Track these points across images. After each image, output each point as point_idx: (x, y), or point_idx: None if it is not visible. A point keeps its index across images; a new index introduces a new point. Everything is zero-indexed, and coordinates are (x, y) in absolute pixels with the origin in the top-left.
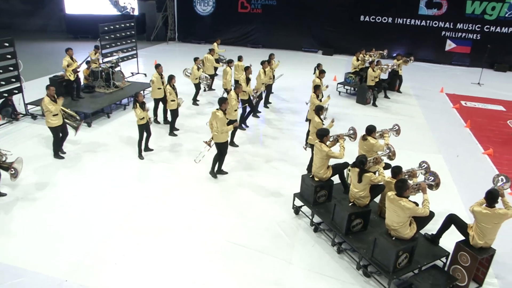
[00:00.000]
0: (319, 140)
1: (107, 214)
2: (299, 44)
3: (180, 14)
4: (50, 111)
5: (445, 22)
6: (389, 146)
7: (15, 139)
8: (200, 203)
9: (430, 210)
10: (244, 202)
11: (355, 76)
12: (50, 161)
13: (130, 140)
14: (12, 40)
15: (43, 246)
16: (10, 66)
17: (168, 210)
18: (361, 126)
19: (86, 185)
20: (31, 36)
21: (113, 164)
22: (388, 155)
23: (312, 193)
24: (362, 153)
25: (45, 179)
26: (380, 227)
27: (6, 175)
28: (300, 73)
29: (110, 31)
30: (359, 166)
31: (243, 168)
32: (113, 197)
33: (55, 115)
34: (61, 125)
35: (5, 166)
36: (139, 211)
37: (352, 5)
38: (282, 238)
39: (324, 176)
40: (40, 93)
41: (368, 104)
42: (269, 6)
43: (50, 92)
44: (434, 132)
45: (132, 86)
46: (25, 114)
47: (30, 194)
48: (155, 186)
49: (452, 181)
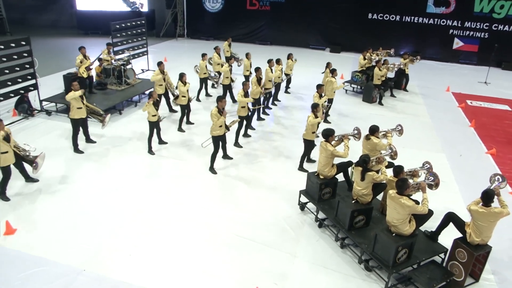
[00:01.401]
0: (324, 140)
1: (121, 207)
2: (306, 41)
3: (189, 10)
4: (75, 98)
5: (453, 20)
6: (391, 146)
7: (31, 134)
8: (209, 198)
9: (429, 208)
10: (251, 198)
11: (361, 74)
12: (65, 155)
13: (142, 136)
14: (28, 39)
15: (62, 236)
16: (26, 64)
17: (177, 204)
18: (366, 125)
19: (101, 180)
20: (42, 32)
21: (126, 159)
22: (390, 155)
23: (317, 191)
24: (365, 152)
25: (62, 172)
26: (382, 224)
27: None
28: (308, 70)
29: (122, 29)
30: (362, 165)
31: (251, 164)
32: (126, 191)
33: (79, 108)
34: (83, 119)
35: (30, 159)
36: (150, 205)
37: (359, 3)
38: (287, 233)
39: (329, 174)
40: (54, 90)
41: (374, 103)
42: (277, 3)
43: (74, 87)
44: (438, 131)
45: (143, 83)
46: (40, 110)
47: (50, 186)
48: (165, 181)
49: (454, 180)
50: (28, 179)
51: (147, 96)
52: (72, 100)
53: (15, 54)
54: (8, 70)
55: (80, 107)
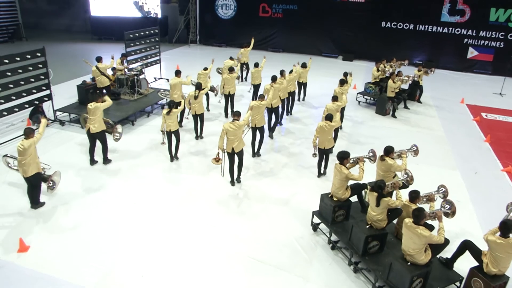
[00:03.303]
0: (339, 162)
1: (134, 225)
2: (319, 49)
3: (202, 17)
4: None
5: (467, 29)
6: (407, 171)
7: (44, 145)
8: (222, 215)
9: (445, 237)
10: (264, 215)
11: (375, 86)
12: (78, 168)
13: (156, 148)
14: (43, 50)
15: (75, 255)
16: (41, 75)
17: (191, 223)
18: (379, 138)
19: (115, 196)
20: (57, 37)
21: (140, 173)
22: (406, 180)
23: (330, 213)
24: (380, 173)
25: (77, 188)
26: (396, 249)
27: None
28: (321, 79)
29: (135, 38)
30: (378, 191)
31: (264, 180)
32: (139, 209)
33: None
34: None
35: (44, 177)
36: (163, 223)
37: (373, 11)
38: (300, 254)
39: (342, 196)
40: (67, 99)
41: (387, 115)
42: (290, 11)
43: (107, 99)
44: (452, 146)
45: (156, 93)
46: (54, 120)
47: (64, 203)
48: (179, 197)
49: (469, 199)
50: (33, 205)
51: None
52: (101, 111)
53: (31, 66)
54: (23, 81)
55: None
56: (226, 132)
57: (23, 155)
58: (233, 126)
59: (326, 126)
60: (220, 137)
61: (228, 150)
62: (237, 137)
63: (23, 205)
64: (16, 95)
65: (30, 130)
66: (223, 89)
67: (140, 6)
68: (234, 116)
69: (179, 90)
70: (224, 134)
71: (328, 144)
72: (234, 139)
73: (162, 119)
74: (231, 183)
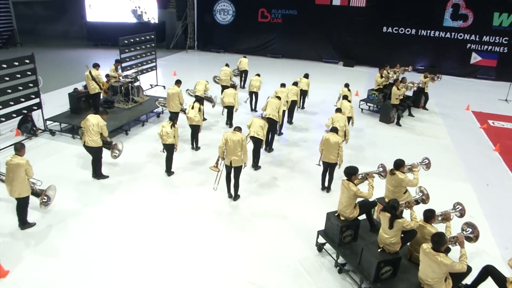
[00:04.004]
0: (346, 179)
1: (128, 245)
2: (319, 55)
3: (200, 22)
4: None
5: (470, 34)
6: (422, 189)
7: (34, 156)
8: (219, 233)
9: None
10: (264, 234)
11: (378, 93)
12: (69, 181)
13: (151, 159)
14: (32, 57)
15: (60, 282)
16: (30, 83)
17: (186, 241)
18: (383, 146)
19: (105, 212)
20: (52, 43)
21: (136, 186)
22: (421, 198)
23: (337, 233)
24: (390, 188)
25: (66, 203)
26: (410, 274)
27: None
28: (322, 86)
29: (130, 44)
30: (391, 212)
31: (264, 194)
32: (133, 227)
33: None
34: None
35: (37, 192)
36: (157, 243)
37: (374, 16)
38: (303, 278)
39: (350, 216)
40: (59, 108)
41: (391, 123)
42: (289, 16)
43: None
44: (461, 155)
45: (151, 101)
46: (44, 130)
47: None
48: (177, 213)
49: (482, 214)
50: (21, 225)
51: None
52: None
53: (19, 73)
54: (11, 90)
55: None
56: (226, 142)
57: (11, 172)
58: (233, 137)
59: (331, 139)
60: (219, 146)
61: (227, 163)
62: (236, 152)
63: (13, 224)
64: (2, 104)
65: (21, 145)
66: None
67: (139, 15)
68: (235, 127)
69: (177, 100)
70: (223, 144)
71: (333, 158)
72: (233, 153)
73: (160, 129)
74: (228, 195)
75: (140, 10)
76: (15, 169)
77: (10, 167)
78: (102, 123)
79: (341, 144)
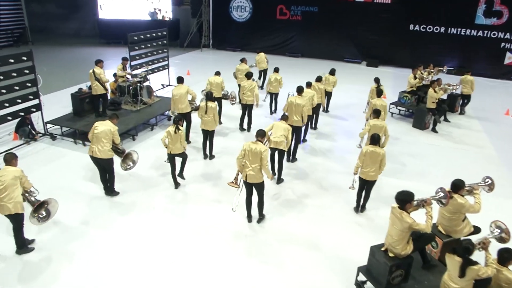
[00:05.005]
0: (398, 207)
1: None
2: (341, 54)
3: (215, 20)
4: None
5: (505, 32)
6: (498, 224)
7: (32, 162)
8: (236, 264)
9: None
10: (290, 265)
11: (411, 96)
12: (69, 191)
13: (160, 168)
14: (30, 54)
15: None
16: (28, 82)
17: (197, 272)
18: (418, 156)
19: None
20: (64, 41)
21: (140, 203)
22: (500, 236)
23: (385, 273)
24: (445, 214)
25: (69, 221)
26: None
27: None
28: (344, 87)
29: (140, 41)
30: (463, 256)
31: (289, 214)
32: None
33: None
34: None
35: (33, 202)
36: (166, 273)
37: (400, 13)
38: None
39: (402, 252)
40: (61, 109)
41: (426, 129)
42: (309, 13)
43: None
44: (509, 167)
45: (162, 102)
46: (44, 134)
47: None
48: (183, 238)
49: None
50: (18, 249)
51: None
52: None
53: (15, 71)
54: (6, 90)
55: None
56: (244, 154)
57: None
58: (253, 148)
59: (374, 153)
60: (237, 158)
61: (243, 177)
62: (253, 166)
63: (10, 247)
64: None
65: (11, 156)
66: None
67: (153, 13)
68: (257, 136)
69: (185, 99)
70: (242, 156)
71: (373, 175)
72: (249, 166)
73: (165, 135)
74: (248, 219)
75: (153, 7)
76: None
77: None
78: (114, 129)
79: (385, 158)
